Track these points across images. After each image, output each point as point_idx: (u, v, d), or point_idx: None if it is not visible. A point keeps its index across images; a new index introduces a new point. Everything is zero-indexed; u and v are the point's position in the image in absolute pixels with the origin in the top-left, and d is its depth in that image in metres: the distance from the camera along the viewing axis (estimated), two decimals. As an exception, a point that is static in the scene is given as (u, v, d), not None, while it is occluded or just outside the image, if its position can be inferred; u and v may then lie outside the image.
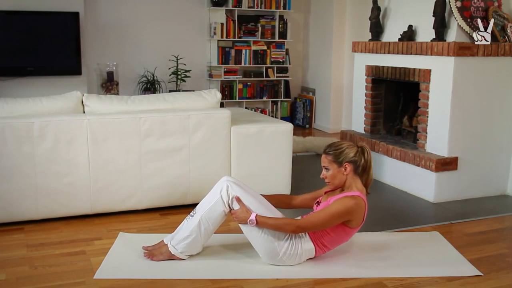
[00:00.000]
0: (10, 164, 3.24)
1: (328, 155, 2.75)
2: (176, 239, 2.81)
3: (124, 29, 6.66)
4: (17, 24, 5.76)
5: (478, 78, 3.96)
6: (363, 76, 4.88)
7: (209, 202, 2.78)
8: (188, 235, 2.77)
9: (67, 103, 3.49)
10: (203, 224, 2.77)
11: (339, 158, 2.72)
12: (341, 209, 2.64)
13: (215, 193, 2.78)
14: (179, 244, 2.79)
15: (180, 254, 2.80)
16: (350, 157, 2.72)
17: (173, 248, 2.80)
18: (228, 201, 2.74)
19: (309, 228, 2.67)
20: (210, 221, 2.77)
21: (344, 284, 2.62)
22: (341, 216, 2.66)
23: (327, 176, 2.77)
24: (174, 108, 3.65)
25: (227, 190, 2.74)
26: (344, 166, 2.72)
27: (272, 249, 2.71)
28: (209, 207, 2.76)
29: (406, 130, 4.59)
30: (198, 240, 2.79)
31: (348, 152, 2.72)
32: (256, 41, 7.10)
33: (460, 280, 2.68)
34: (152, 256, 2.83)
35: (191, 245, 2.79)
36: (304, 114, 7.48)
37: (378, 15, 4.76)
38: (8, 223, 3.34)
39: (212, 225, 2.78)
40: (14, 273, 2.68)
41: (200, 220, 2.76)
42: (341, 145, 2.75)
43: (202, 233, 2.78)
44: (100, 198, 3.46)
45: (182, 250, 2.80)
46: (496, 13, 4.04)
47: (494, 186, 4.19)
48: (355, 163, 2.73)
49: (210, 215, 2.76)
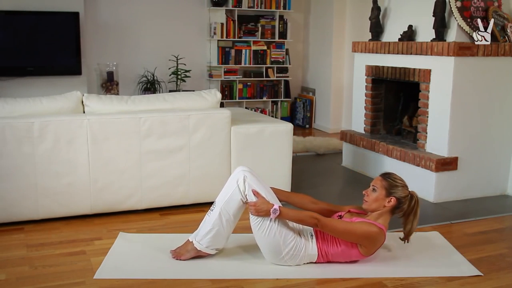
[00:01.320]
0: (10, 164, 3.24)
1: (385, 180, 2.79)
2: (200, 234, 2.81)
3: (124, 29, 6.66)
4: (17, 24, 5.76)
5: (478, 78, 3.96)
6: (363, 76, 4.89)
7: (226, 193, 2.79)
8: (211, 228, 2.78)
9: (67, 103, 3.49)
10: (224, 216, 2.77)
11: (391, 189, 2.77)
12: (364, 229, 2.68)
13: (232, 184, 2.78)
14: (204, 239, 2.80)
15: (206, 249, 2.81)
16: (400, 195, 2.76)
17: (198, 244, 2.80)
18: (245, 191, 2.74)
19: (328, 228, 2.68)
20: (230, 211, 2.77)
21: (344, 284, 2.62)
22: (360, 236, 2.69)
23: (370, 195, 2.80)
24: (174, 108, 3.65)
25: (244, 180, 2.74)
26: (390, 198, 2.76)
27: (277, 247, 2.71)
28: (227, 198, 2.77)
29: (406, 130, 4.59)
30: (222, 232, 2.79)
31: (401, 190, 2.77)
32: (256, 41, 7.10)
33: (460, 280, 2.68)
34: (180, 255, 2.84)
35: (215, 239, 2.79)
36: (304, 114, 7.48)
37: (378, 15, 4.76)
38: (8, 223, 3.34)
39: (233, 216, 2.78)
40: (14, 273, 2.68)
41: (220, 212, 2.77)
42: (398, 181, 2.80)
43: (225, 225, 2.78)
44: (100, 198, 3.46)
45: (208, 245, 2.80)
46: (496, 13, 4.04)
47: (494, 186, 4.20)
48: (400, 203, 2.78)
49: (229, 206, 2.76)
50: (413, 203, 2.79)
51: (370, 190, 2.81)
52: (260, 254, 2.87)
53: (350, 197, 4.15)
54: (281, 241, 2.70)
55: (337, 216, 2.90)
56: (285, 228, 2.72)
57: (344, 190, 4.46)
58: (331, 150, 5.74)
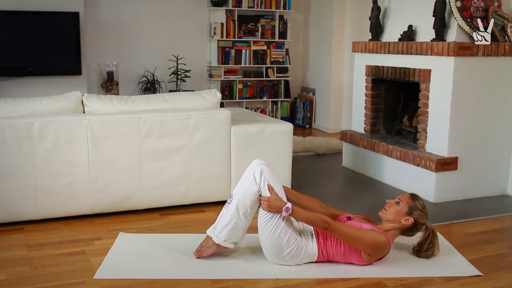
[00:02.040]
0: (10, 164, 3.24)
1: (411, 199, 2.83)
2: (218, 228, 2.81)
3: (124, 29, 6.66)
4: (17, 24, 5.76)
5: (478, 78, 3.96)
6: (363, 76, 4.89)
7: (243, 186, 2.78)
8: (229, 221, 2.77)
9: (67, 103, 3.49)
10: (241, 209, 2.76)
11: (414, 211, 2.80)
12: (373, 238, 2.69)
13: (248, 176, 2.77)
14: (222, 233, 2.79)
15: (224, 243, 2.80)
16: (418, 219, 2.81)
17: (216, 237, 2.80)
18: (260, 184, 2.73)
19: (337, 233, 2.68)
20: (247, 204, 2.75)
21: (344, 284, 2.62)
22: (368, 244, 2.70)
23: (392, 206, 2.83)
24: (174, 108, 3.65)
25: (260, 173, 2.74)
26: (409, 217, 2.79)
27: (279, 245, 2.71)
28: (244, 191, 2.76)
29: (406, 130, 4.59)
30: (239, 225, 2.78)
31: (422, 216, 2.82)
32: (256, 41, 7.10)
33: (460, 280, 2.68)
34: (201, 253, 2.85)
35: (233, 232, 2.79)
36: (304, 114, 7.48)
37: (378, 15, 4.76)
38: (8, 223, 3.34)
39: (250, 208, 2.76)
40: (14, 273, 2.68)
41: (237, 205, 2.76)
42: (423, 207, 2.84)
43: (242, 218, 2.77)
44: (100, 198, 3.46)
45: (226, 238, 2.79)
46: (496, 13, 4.04)
47: (494, 186, 4.20)
48: (415, 226, 2.82)
49: (246, 198, 2.75)
50: (427, 234, 2.88)
51: (393, 202, 2.85)
52: (260, 254, 2.88)
53: (350, 197, 4.15)
54: (285, 240, 2.70)
55: (346, 218, 2.92)
56: (290, 229, 2.72)
57: (344, 190, 4.46)
58: (331, 150, 5.74)
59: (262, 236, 2.76)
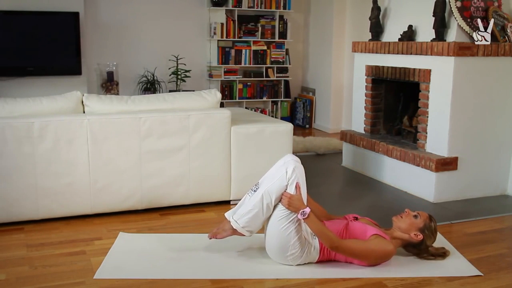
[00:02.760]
0: (10, 164, 3.24)
1: (429, 220, 2.85)
2: (239, 213, 2.78)
3: (124, 29, 6.66)
4: (17, 24, 5.76)
5: (478, 78, 3.96)
6: (363, 76, 4.89)
7: (272, 178, 2.74)
8: (251, 209, 2.74)
9: (67, 103, 3.49)
10: (266, 199, 2.72)
11: (427, 230, 2.83)
12: (382, 249, 2.71)
13: (280, 169, 2.74)
14: (241, 219, 2.76)
15: (242, 229, 2.78)
16: (426, 240, 2.84)
17: (235, 222, 2.77)
18: (290, 179, 2.70)
19: (347, 253, 2.69)
20: (273, 196, 2.72)
21: (344, 284, 2.62)
22: (378, 257, 2.73)
23: (409, 217, 2.84)
24: (174, 108, 3.65)
25: (293, 169, 2.70)
26: (420, 234, 2.81)
27: (286, 245, 2.70)
28: (273, 183, 2.72)
29: (406, 130, 4.59)
30: (260, 215, 2.74)
31: (430, 239, 2.85)
32: (256, 41, 7.10)
33: (460, 280, 2.68)
34: (216, 234, 2.83)
35: (253, 220, 2.75)
36: (304, 114, 7.48)
37: (378, 15, 4.76)
38: (8, 223, 3.34)
39: (274, 200, 2.73)
40: (14, 273, 2.68)
41: (263, 194, 2.72)
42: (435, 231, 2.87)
43: (264, 208, 2.73)
44: (100, 198, 3.46)
45: (244, 225, 2.77)
46: (496, 13, 4.04)
47: (494, 186, 4.20)
48: (420, 245, 2.85)
49: (273, 190, 2.71)
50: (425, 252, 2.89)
51: (412, 213, 2.86)
52: (260, 254, 2.88)
53: (350, 197, 4.15)
54: (292, 241, 2.70)
55: (353, 217, 2.94)
56: (300, 233, 2.72)
57: (344, 190, 4.46)
58: (331, 150, 5.74)
59: (271, 230, 2.74)
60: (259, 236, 3.17)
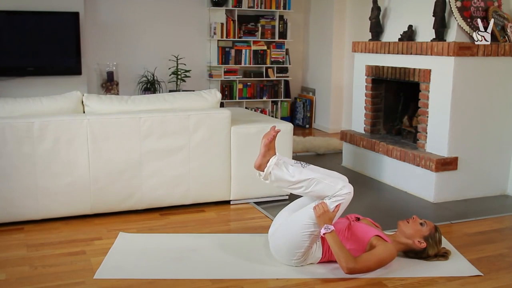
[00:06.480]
0: (10, 164, 3.24)
1: (435, 230, 2.87)
2: (285, 160, 2.76)
3: (124, 29, 6.66)
4: (17, 24, 5.76)
5: (478, 78, 3.96)
6: (363, 76, 4.89)
7: (328, 184, 2.69)
8: (291, 175, 2.69)
9: (67, 103, 3.49)
10: (306, 185, 2.69)
11: (431, 239, 2.84)
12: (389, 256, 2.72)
13: (337, 184, 2.70)
14: (276, 170, 2.71)
15: (269, 175, 2.72)
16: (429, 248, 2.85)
17: (272, 165, 2.71)
18: (337, 196, 2.68)
19: (362, 271, 2.68)
20: (313, 189, 2.69)
21: (344, 284, 2.62)
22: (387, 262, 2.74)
23: (415, 223, 2.85)
24: (174, 108, 3.65)
25: (347, 193, 2.70)
26: (423, 242, 2.83)
27: (296, 249, 2.70)
28: (325, 183, 2.69)
29: (406, 130, 4.59)
30: (289, 186, 2.72)
31: (433, 248, 2.86)
32: (256, 41, 7.10)
33: (460, 280, 2.68)
34: (268, 138, 2.76)
35: (280, 181, 2.72)
36: (304, 114, 7.48)
37: (378, 15, 4.76)
38: (8, 223, 3.34)
39: (309, 193, 2.72)
40: (14, 273, 2.68)
41: (311, 180, 2.68)
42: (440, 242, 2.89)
43: (296, 187, 2.71)
44: (100, 198, 3.46)
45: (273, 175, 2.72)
46: (496, 13, 4.04)
47: (494, 186, 4.20)
48: (421, 252, 2.86)
49: (319, 187, 2.69)
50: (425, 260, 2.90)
51: (419, 220, 2.87)
52: (260, 254, 2.88)
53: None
54: (304, 249, 2.70)
55: (355, 218, 2.94)
56: (315, 242, 2.73)
57: (344, 190, 4.45)
58: (331, 150, 5.74)
59: (287, 230, 2.72)
60: (259, 236, 3.18)
